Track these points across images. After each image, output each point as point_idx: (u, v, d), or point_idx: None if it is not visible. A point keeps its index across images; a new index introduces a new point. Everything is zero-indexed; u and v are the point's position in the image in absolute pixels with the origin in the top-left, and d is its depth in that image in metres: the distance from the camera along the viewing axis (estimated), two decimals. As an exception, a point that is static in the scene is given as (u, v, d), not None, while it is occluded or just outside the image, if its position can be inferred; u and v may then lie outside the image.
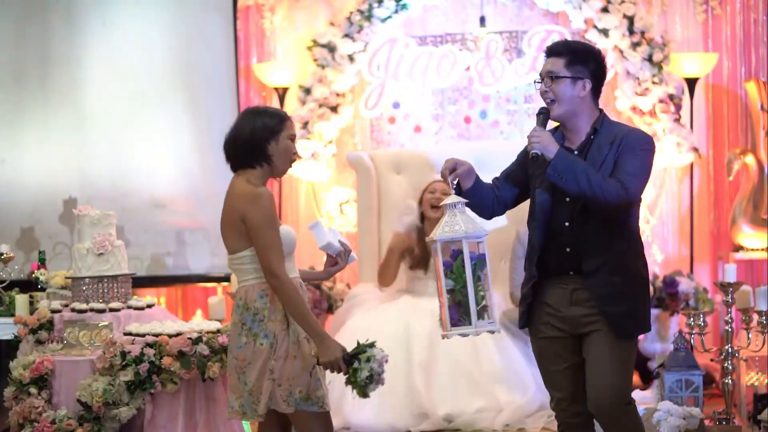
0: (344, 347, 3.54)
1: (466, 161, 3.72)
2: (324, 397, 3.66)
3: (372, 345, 3.53)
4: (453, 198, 3.60)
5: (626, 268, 3.64)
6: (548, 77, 3.68)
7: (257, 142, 3.63)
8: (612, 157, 3.62)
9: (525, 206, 7.07)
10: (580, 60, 3.68)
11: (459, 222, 3.54)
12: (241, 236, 3.62)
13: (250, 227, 3.58)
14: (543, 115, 3.70)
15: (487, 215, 3.88)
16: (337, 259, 3.84)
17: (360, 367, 3.49)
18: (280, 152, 3.64)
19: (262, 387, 3.60)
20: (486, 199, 3.81)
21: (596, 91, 3.74)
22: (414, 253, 6.33)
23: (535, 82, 3.76)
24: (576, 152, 3.67)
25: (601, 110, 3.76)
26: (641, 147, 3.64)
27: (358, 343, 3.55)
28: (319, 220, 3.92)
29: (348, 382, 3.53)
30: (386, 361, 3.54)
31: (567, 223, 3.66)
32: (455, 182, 3.68)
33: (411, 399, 5.76)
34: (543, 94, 3.70)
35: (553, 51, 3.72)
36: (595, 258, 3.62)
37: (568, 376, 3.73)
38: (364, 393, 3.52)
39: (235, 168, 3.69)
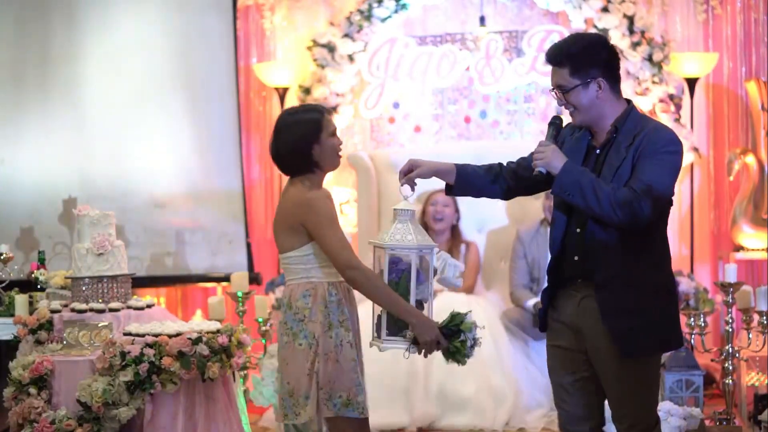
0: (437, 322, 3.52)
1: (426, 162, 3.56)
2: (364, 403, 3.63)
3: (462, 315, 3.55)
4: (402, 204, 3.55)
5: (642, 280, 3.37)
6: (559, 90, 3.42)
7: (301, 154, 3.62)
8: (630, 159, 3.34)
9: (525, 207, 7.08)
10: (583, 62, 3.38)
11: (390, 230, 3.51)
12: (293, 236, 3.61)
13: (312, 232, 3.58)
14: (554, 126, 3.48)
15: (503, 197, 3.66)
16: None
17: (465, 338, 3.51)
18: (325, 153, 3.64)
19: (303, 389, 3.59)
20: (482, 186, 3.62)
21: (614, 82, 3.42)
22: None
23: (549, 90, 3.51)
24: (598, 151, 3.44)
25: (628, 102, 3.46)
26: (662, 149, 3.32)
27: (452, 315, 3.54)
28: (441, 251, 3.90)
29: (448, 354, 3.54)
30: (476, 325, 3.56)
31: (578, 230, 3.43)
32: (413, 186, 3.59)
33: (408, 382, 5.77)
34: (564, 107, 3.46)
35: (552, 60, 3.43)
36: (607, 268, 3.37)
37: (575, 392, 3.51)
38: (464, 361, 3.56)
39: (288, 175, 3.71)
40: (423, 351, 3.52)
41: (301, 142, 3.63)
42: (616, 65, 3.44)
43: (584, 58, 3.39)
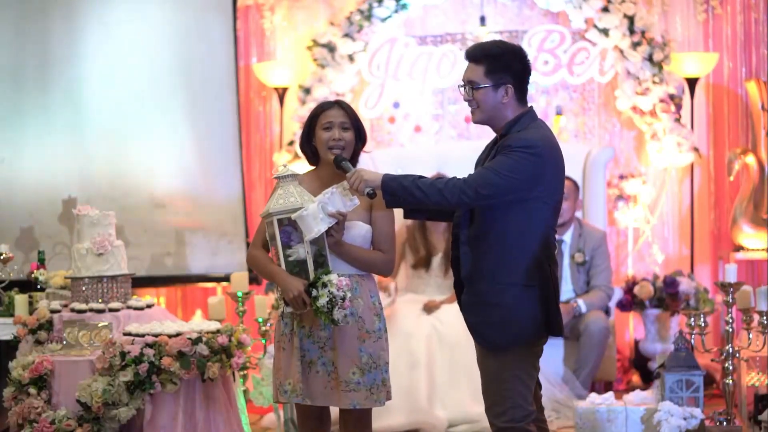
0: (306, 281, 3.60)
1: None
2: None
3: (328, 272, 3.57)
4: (281, 170, 3.71)
5: (493, 275, 3.54)
6: (469, 86, 3.60)
7: (303, 146, 3.83)
8: (492, 158, 3.55)
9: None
10: (499, 66, 3.57)
11: (273, 198, 3.66)
12: None
13: None
14: (344, 162, 3.65)
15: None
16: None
17: (319, 294, 3.54)
18: (318, 145, 3.76)
19: None
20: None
21: (521, 93, 3.64)
22: (419, 253, 6.36)
23: (459, 86, 3.67)
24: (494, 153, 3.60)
25: (525, 112, 3.63)
26: (514, 147, 3.50)
27: (315, 274, 3.60)
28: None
29: (315, 313, 3.58)
30: (347, 284, 3.57)
31: (456, 229, 3.64)
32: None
33: (411, 399, 5.75)
34: (467, 101, 3.64)
35: (471, 57, 3.62)
36: (467, 266, 3.59)
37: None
38: (332, 320, 3.56)
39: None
40: (292, 308, 3.63)
41: (303, 134, 3.81)
42: (527, 78, 3.65)
43: (501, 61, 3.59)
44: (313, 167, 3.85)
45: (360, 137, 3.77)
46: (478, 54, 3.60)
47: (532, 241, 3.55)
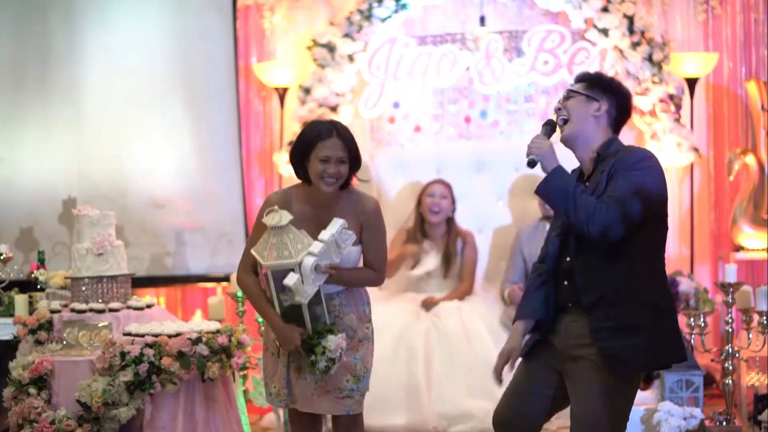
0: (303, 331, 3.66)
1: (514, 342, 3.65)
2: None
3: (324, 333, 3.64)
4: (273, 219, 3.67)
5: (628, 297, 3.43)
6: (564, 95, 3.60)
7: (294, 164, 3.80)
8: (604, 181, 3.46)
9: (526, 206, 7.06)
10: (600, 86, 3.58)
11: (267, 248, 3.69)
12: None
13: None
14: (548, 126, 3.57)
15: None
16: None
17: (317, 359, 3.64)
18: (312, 173, 3.74)
19: None
20: (547, 304, 3.67)
21: (614, 121, 3.58)
22: (415, 255, 6.36)
23: (555, 109, 3.63)
24: (587, 184, 3.53)
25: (615, 137, 3.59)
26: (633, 166, 3.44)
27: (315, 331, 3.66)
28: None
29: (308, 364, 3.69)
30: (343, 340, 3.65)
31: (568, 258, 3.54)
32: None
33: (410, 395, 5.76)
34: (557, 111, 3.59)
35: (577, 77, 3.66)
36: (594, 291, 3.46)
37: (533, 404, 3.72)
38: (323, 374, 3.69)
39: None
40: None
41: (295, 152, 3.77)
42: (623, 115, 3.61)
43: (602, 84, 3.60)
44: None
45: (354, 166, 3.78)
46: (584, 75, 3.66)
47: (659, 258, 3.56)
